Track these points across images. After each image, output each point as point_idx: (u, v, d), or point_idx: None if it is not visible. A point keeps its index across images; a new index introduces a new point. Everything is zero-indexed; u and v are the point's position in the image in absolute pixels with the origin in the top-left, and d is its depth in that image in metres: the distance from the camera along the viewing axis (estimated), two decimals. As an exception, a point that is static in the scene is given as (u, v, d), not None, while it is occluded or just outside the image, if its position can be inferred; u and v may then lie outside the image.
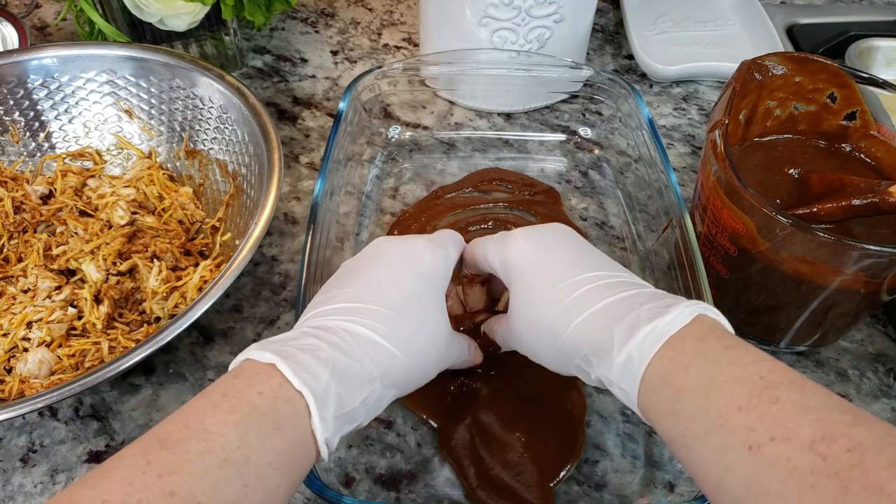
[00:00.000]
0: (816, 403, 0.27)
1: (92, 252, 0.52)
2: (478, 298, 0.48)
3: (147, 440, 0.28)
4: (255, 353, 0.32)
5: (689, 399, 0.30)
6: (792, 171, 0.49)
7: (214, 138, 0.58)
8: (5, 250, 0.53)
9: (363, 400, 0.34)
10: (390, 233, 0.57)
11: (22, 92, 0.58)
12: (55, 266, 0.51)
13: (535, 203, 0.60)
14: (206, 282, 0.51)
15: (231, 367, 0.33)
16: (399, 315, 0.36)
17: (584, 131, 0.66)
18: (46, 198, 0.57)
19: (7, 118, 0.58)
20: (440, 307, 0.39)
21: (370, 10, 0.82)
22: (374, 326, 0.35)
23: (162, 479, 0.26)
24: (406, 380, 0.37)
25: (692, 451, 0.30)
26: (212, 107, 0.57)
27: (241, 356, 0.33)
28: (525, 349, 0.40)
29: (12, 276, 0.51)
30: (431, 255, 0.40)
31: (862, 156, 0.51)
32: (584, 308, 0.35)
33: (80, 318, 0.49)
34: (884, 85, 0.49)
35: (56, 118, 0.59)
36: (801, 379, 0.29)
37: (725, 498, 0.28)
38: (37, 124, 0.59)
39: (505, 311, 0.42)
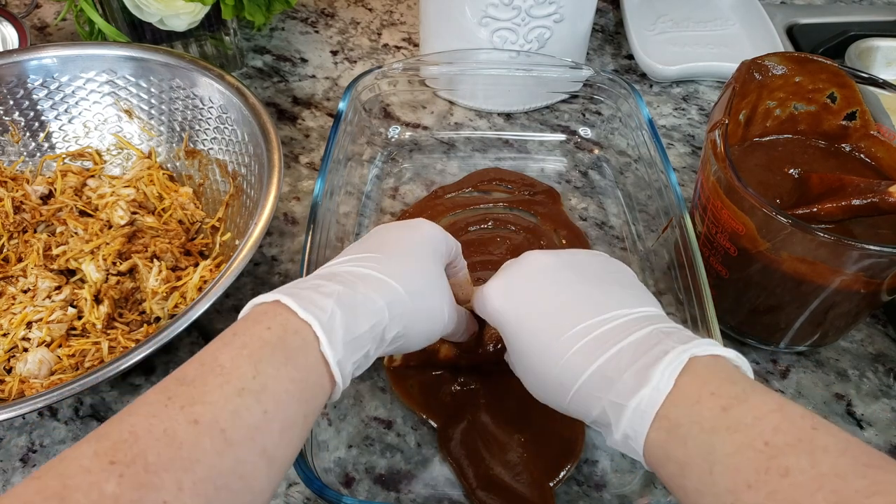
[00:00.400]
0: (829, 469, 0.25)
1: (92, 252, 0.52)
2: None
3: (166, 382, 0.29)
4: (261, 297, 0.33)
5: (693, 475, 0.28)
6: (792, 171, 0.49)
7: (214, 138, 0.58)
8: (5, 250, 0.53)
9: (371, 327, 0.34)
10: (390, 233, 0.57)
11: (22, 92, 0.58)
12: (55, 266, 0.51)
13: (535, 203, 0.60)
14: (206, 282, 0.51)
15: (240, 315, 0.34)
16: (400, 259, 0.38)
17: (584, 131, 0.66)
18: (46, 198, 0.57)
19: (7, 118, 0.58)
20: (440, 267, 0.40)
21: (370, 10, 0.82)
22: (376, 268, 0.36)
23: (185, 410, 0.27)
24: (411, 317, 0.37)
25: None
26: (212, 107, 0.57)
27: (249, 304, 0.34)
28: (537, 396, 0.39)
29: (12, 276, 0.51)
30: (430, 226, 0.42)
31: (862, 156, 0.51)
32: (574, 379, 0.34)
33: (80, 318, 0.49)
34: (884, 85, 0.49)
35: (56, 118, 0.59)
36: (809, 434, 0.27)
37: None
38: (37, 124, 0.59)
39: None
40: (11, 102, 0.57)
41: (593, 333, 0.34)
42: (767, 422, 0.28)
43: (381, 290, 0.35)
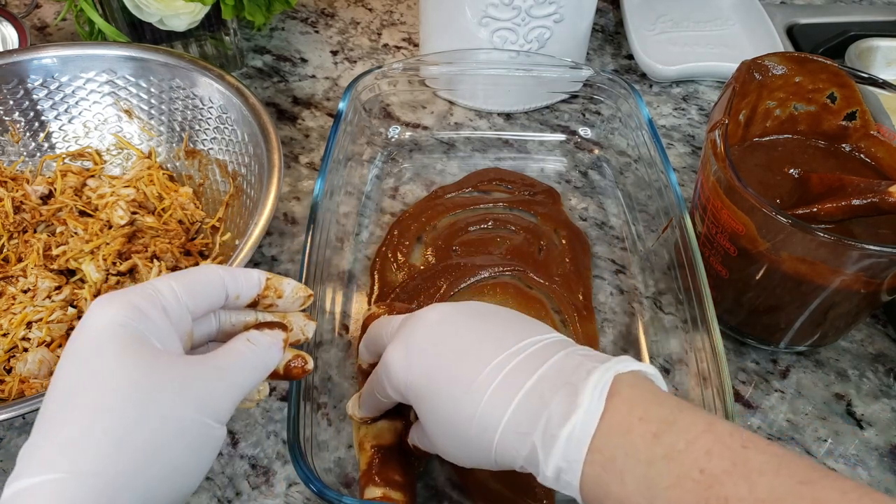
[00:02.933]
0: (767, 493, 0.25)
1: (92, 252, 0.52)
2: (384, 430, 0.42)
3: None
4: None
5: None
6: (792, 171, 0.49)
7: (214, 138, 0.58)
8: (5, 250, 0.53)
9: None
10: (390, 233, 0.57)
11: (22, 92, 0.58)
12: (55, 266, 0.51)
13: (535, 203, 0.60)
14: (206, 282, 0.51)
15: None
16: (99, 443, 0.25)
17: (584, 131, 0.66)
18: (46, 198, 0.57)
19: (7, 118, 0.58)
20: (163, 374, 0.27)
21: (370, 10, 0.82)
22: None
23: None
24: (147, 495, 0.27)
25: None
26: (212, 107, 0.57)
27: None
28: (460, 464, 0.35)
29: (12, 276, 0.51)
30: (107, 310, 0.28)
31: (862, 156, 0.51)
32: (496, 422, 0.31)
33: (79, 318, 0.49)
34: (884, 85, 0.49)
35: (56, 118, 0.59)
36: (742, 455, 0.27)
37: None
38: (37, 124, 0.59)
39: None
40: (11, 102, 0.57)
41: (507, 367, 0.32)
42: (700, 445, 0.27)
43: None
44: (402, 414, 0.42)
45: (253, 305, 0.35)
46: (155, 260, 0.52)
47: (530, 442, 0.30)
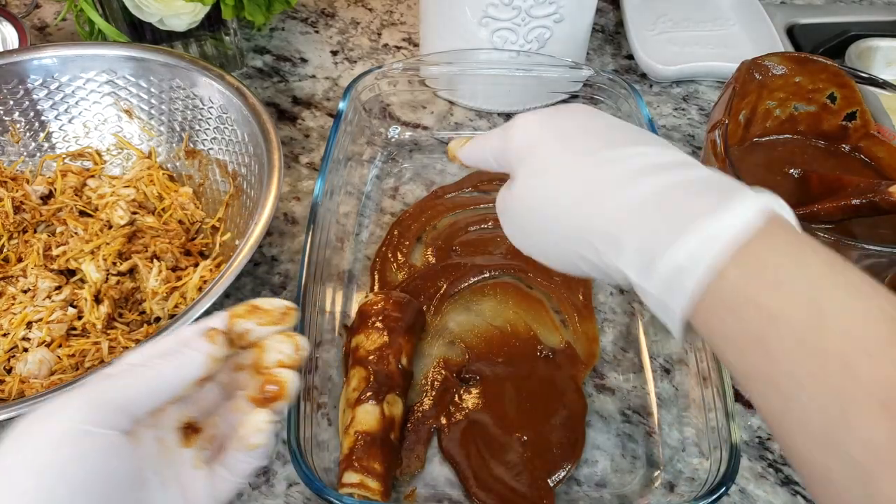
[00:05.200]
0: None
1: (92, 252, 0.52)
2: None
3: None
4: None
5: (788, 331, 0.23)
6: (792, 171, 0.49)
7: (214, 138, 0.58)
8: (5, 250, 0.53)
9: None
10: (390, 233, 0.57)
11: (22, 92, 0.58)
12: (55, 266, 0.51)
13: (535, 203, 0.59)
14: (206, 282, 0.51)
15: None
16: None
17: (584, 131, 0.66)
18: (46, 198, 0.57)
19: (7, 118, 0.58)
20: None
21: (370, 10, 0.82)
22: None
23: None
24: None
25: (787, 397, 0.23)
26: (212, 107, 0.57)
27: None
28: (522, 239, 0.34)
29: (12, 276, 0.51)
30: (81, 460, 0.25)
31: (862, 156, 0.51)
32: (614, 188, 0.28)
33: (80, 318, 0.49)
34: (884, 85, 0.49)
35: (56, 118, 0.59)
36: None
37: (835, 462, 0.22)
38: (37, 124, 0.59)
39: None
40: (11, 102, 0.57)
41: (653, 158, 0.29)
42: (882, 295, 0.23)
43: None
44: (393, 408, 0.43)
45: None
46: (155, 260, 0.52)
47: (650, 222, 0.26)
